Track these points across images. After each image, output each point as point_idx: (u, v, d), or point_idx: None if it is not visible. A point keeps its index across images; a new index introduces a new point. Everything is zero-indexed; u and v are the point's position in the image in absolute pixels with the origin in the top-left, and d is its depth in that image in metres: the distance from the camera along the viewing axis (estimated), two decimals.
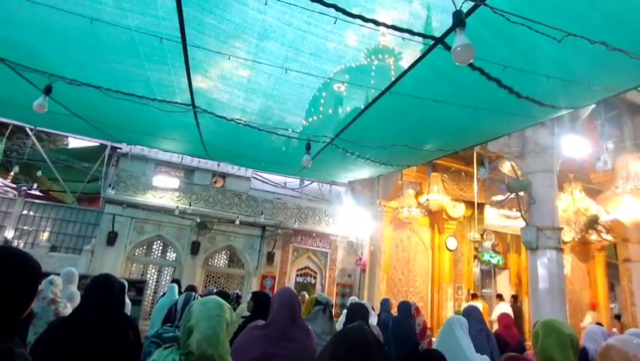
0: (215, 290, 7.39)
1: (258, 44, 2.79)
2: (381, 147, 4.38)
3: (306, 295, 8.13)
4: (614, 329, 7.72)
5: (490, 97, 2.94)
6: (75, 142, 11.16)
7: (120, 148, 9.55)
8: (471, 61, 1.85)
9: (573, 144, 5.86)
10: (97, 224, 9.33)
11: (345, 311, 6.35)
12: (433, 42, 2.52)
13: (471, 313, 3.88)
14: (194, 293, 3.17)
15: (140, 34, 2.85)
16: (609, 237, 8.65)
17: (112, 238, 8.97)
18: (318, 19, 2.57)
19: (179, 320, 2.89)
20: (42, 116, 5.61)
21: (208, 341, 1.51)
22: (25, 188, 10.32)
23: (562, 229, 6.12)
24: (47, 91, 3.54)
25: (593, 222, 8.06)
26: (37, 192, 11.63)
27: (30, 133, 9.19)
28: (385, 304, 6.51)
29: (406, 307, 5.81)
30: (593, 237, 8.71)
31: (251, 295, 4.53)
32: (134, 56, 3.21)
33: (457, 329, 3.23)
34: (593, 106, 5.47)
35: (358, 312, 3.23)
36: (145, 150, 9.60)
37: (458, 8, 1.81)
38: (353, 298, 6.66)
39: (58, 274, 4.76)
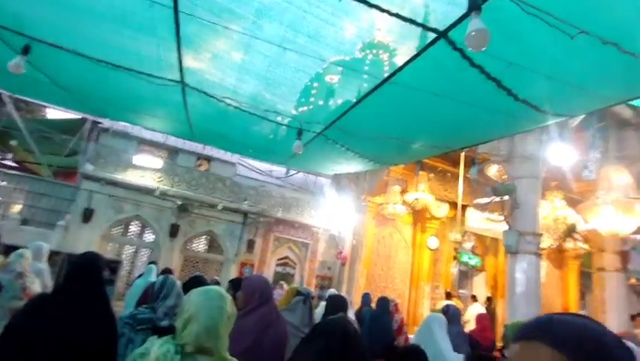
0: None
1: (255, 22, 2.66)
2: (372, 140, 4.31)
3: (285, 285, 8.08)
4: None
5: (486, 97, 2.90)
6: (53, 114, 10.69)
7: (101, 123, 9.23)
8: (484, 48, 1.78)
9: (560, 153, 5.93)
10: (72, 200, 9.02)
11: (323, 303, 6.35)
12: (435, 35, 2.45)
13: (452, 315, 3.91)
14: (170, 276, 3.09)
15: (132, 3, 2.68)
16: (585, 246, 8.86)
17: (88, 215, 8.71)
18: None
19: (156, 302, 2.82)
20: (21, 84, 5.34)
21: (207, 332, 1.44)
22: None
23: (542, 235, 6.22)
24: (25, 51, 3.32)
25: (571, 231, 8.24)
26: (10, 163, 11.19)
27: (6, 100, 8.77)
28: (366, 298, 6.54)
29: (383, 303, 5.85)
30: (569, 245, 8.91)
31: (229, 283, 4.43)
32: (125, 25, 3.03)
33: (436, 327, 3.24)
34: (582, 116, 5.54)
35: (338, 304, 3.20)
36: (128, 126, 9.29)
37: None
38: (332, 291, 6.64)
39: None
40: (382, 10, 2.23)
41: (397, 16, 2.24)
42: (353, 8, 2.45)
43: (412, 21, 2.27)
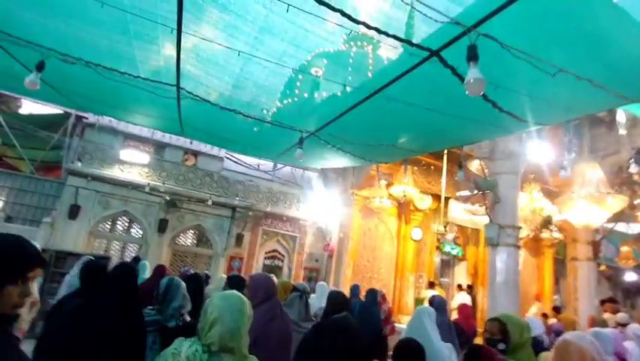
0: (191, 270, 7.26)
1: (257, 37, 2.78)
2: (363, 144, 4.49)
3: (274, 278, 8.26)
4: (554, 320, 8.43)
5: (474, 108, 3.10)
6: (29, 106, 10.33)
7: (86, 118, 9.09)
8: (481, 93, 1.97)
9: (538, 150, 6.26)
10: (57, 196, 8.91)
11: (313, 296, 6.56)
12: (428, 53, 2.62)
13: (438, 305, 4.16)
14: (176, 278, 3.17)
15: (133, 15, 2.74)
16: (560, 236, 9.36)
17: (74, 212, 8.63)
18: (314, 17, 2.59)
19: (162, 304, 2.93)
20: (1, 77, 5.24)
21: (231, 334, 1.60)
22: None
23: (521, 228, 6.58)
24: (39, 67, 3.32)
25: (547, 223, 8.69)
26: None
27: None
28: (355, 289, 6.77)
29: (372, 295, 6.08)
30: (545, 235, 9.39)
31: (227, 280, 4.58)
32: (124, 33, 3.09)
33: (426, 319, 3.47)
34: None
35: (340, 302, 3.36)
36: (113, 121, 9.18)
37: (470, 42, 1.90)
38: (322, 284, 6.86)
39: None
40: (380, 32, 2.38)
41: (395, 37, 2.40)
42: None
43: (408, 42, 2.43)
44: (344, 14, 2.30)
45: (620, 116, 6.18)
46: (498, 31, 1.91)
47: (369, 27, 2.33)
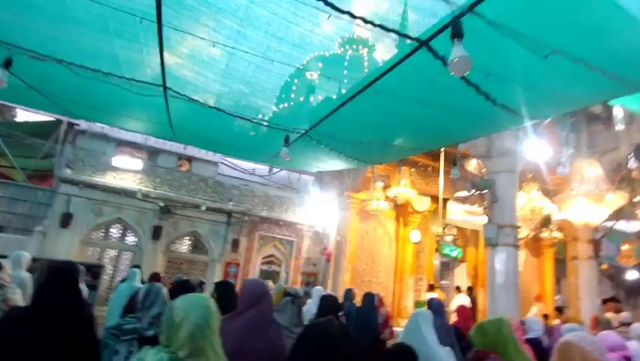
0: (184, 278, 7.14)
1: (239, 30, 2.68)
2: (357, 143, 4.39)
3: (271, 284, 8.12)
4: (557, 321, 8.27)
5: (467, 101, 3.01)
6: (24, 114, 10.27)
7: (78, 125, 8.97)
8: (467, 72, 1.87)
9: (535, 148, 6.18)
10: (49, 204, 8.77)
11: (309, 301, 6.43)
12: (417, 44, 2.52)
13: (437, 308, 4.04)
14: (156, 284, 3.01)
15: (111, 10, 2.64)
16: (560, 235, 9.25)
17: (66, 220, 8.49)
18: (297, 7, 2.49)
19: (142, 311, 2.77)
20: None
21: (201, 330, 1.44)
22: None
23: (520, 227, 6.47)
24: (7, 64, 3.23)
25: (546, 221, 8.59)
26: None
27: None
28: (348, 293, 6.66)
29: (369, 299, 5.97)
30: (545, 234, 9.28)
31: (214, 285, 4.44)
32: (103, 31, 2.99)
33: (422, 322, 3.34)
34: None
35: (328, 305, 3.26)
36: (105, 128, 9.06)
37: (454, 17, 1.80)
38: (318, 288, 6.72)
39: (6, 257, 4.47)
40: (366, 22, 2.29)
41: (381, 27, 2.30)
42: (334, 16, 2.48)
43: (394, 31, 2.33)
44: (327, 4, 2.21)
45: (617, 110, 6.10)
46: (486, 10, 1.80)
47: (353, 17, 2.23)
